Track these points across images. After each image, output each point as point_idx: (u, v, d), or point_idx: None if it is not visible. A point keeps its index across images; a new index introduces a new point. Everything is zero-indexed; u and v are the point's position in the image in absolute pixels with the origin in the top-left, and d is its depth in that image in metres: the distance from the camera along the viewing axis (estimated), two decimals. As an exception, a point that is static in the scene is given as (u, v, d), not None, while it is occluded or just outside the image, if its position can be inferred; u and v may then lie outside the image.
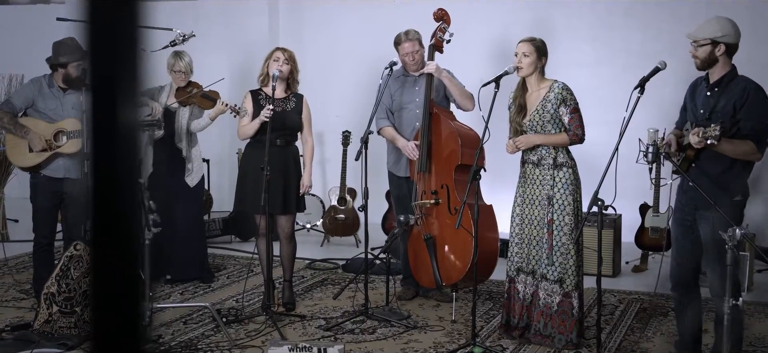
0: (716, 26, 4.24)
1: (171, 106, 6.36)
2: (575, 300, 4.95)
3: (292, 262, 5.99)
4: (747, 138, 4.13)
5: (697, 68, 4.32)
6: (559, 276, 4.94)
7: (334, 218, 8.10)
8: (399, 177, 6.04)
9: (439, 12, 5.86)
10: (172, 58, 6.36)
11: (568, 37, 8.43)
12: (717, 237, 3.96)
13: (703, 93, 4.33)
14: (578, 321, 4.98)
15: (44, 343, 4.94)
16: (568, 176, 4.96)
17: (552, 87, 4.98)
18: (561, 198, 4.94)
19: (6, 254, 7.03)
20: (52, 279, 5.21)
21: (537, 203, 5.02)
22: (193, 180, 6.48)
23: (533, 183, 5.04)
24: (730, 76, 4.25)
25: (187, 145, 6.42)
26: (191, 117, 6.38)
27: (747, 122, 4.13)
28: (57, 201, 5.78)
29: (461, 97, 5.80)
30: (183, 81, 6.34)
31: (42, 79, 5.79)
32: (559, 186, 4.95)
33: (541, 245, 4.99)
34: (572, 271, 4.94)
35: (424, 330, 5.41)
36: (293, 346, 4.64)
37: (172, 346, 5.00)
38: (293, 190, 5.81)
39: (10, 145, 5.77)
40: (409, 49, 5.84)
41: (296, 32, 9.68)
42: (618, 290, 6.42)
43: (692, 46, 4.27)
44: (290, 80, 5.83)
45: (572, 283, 4.94)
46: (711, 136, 3.93)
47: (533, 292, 5.04)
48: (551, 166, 4.95)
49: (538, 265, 5.00)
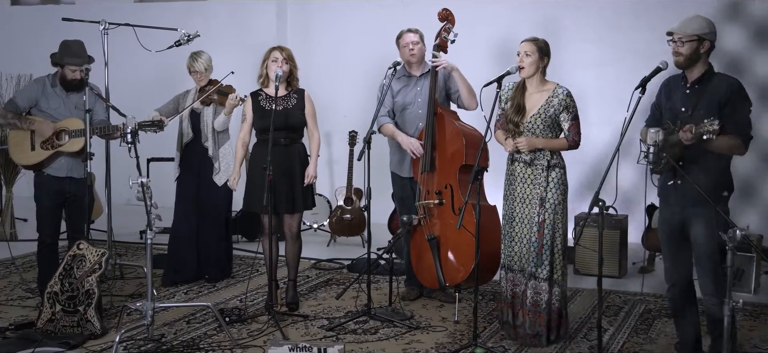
0: (702, 23, 4.24)
1: (195, 108, 6.40)
2: (554, 297, 5.01)
3: (297, 261, 5.98)
4: (732, 133, 4.15)
5: (678, 65, 4.30)
6: (548, 275, 4.98)
7: (341, 218, 8.10)
8: (402, 177, 6.03)
9: (444, 12, 5.85)
10: (189, 61, 6.43)
11: (574, 38, 8.40)
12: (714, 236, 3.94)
13: (682, 91, 4.32)
14: (558, 315, 5.04)
15: (47, 342, 4.96)
16: (560, 177, 5.02)
17: (556, 92, 4.97)
18: (553, 199, 4.98)
19: (15, 253, 7.06)
20: (55, 278, 5.23)
21: (527, 202, 5.03)
22: (221, 179, 6.48)
23: (523, 183, 5.04)
24: (709, 74, 4.26)
25: (213, 144, 6.44)
26: (215, 115, 6.41)
27: (732, 118, 4.14)
28: (61, 200, 5.80)
29: (468, 94, 5.80)
30: (204, 80, 6.39)
31: (45, 78, 5.82)
32: (551, 187, 4.98)
33: (530, 244, 5.00)
34: (559, 269, 5.02)
35: (426, 330, 5.39)
36: (293, 346, 4.64)
37: (175, 345, 5.01)
38: (300, 189, 5.81)
39: (12, 143, 5.80)
40: (410, 39, 5.85)
41: (304, 32, 9.69)
42: (623, 291, 6.39)
43: (675, 43, 4.25)
44: (290, 78, 5.84)
45: (557, 280, 5.02)
46: (708, 132, 3.92)
47: (522, 291, 5.06)
48: (545, 167, 4.98)
49: (527, 264, 5.01)
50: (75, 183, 5.74)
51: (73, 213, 5.81)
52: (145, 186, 4.90)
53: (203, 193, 6.50)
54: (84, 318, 5.14)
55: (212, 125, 6.41)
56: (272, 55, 5.78)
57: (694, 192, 4.17)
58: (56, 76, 5.80)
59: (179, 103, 6.47)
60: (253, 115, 5.82)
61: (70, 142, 5.67)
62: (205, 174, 6.47)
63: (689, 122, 4.12)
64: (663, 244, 4.59)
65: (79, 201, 5.68)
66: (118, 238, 7.78)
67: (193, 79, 6.46)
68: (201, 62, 6.38)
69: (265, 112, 5.74)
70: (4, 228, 8.13)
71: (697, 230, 4.30)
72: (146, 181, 4.91)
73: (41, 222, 5.83)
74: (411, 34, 5.89)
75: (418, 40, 5.89)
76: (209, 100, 6.34)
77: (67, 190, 5.76)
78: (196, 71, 6.38)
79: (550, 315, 5.01)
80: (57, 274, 5.24)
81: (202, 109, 6.43)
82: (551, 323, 5.02)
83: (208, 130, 6.42)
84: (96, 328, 5.12)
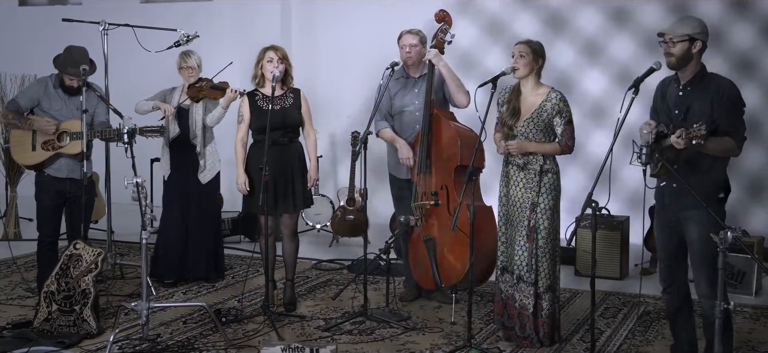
0: (694, 23, 4.21)
1: (183, 104, 6.38)
2: (545, 302, 4.98)
3: (295, 261, 5.98)
4: (726, 135, 4.12)
5: (670, 66, 4.27)
6: (535, 279, 4.96)
7: (343, 219, 8.10)
8: (400, 179, 6.02)
9: (441, 13, 5.83)
10: (180, 58, 6.41)
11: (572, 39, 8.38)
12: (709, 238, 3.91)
13: (675, 93, 4.29)
14: (550, 321, 5.02)
15: (42, 341, 4.98)
16: (552, 182, 5.01)
17: (549, 96, 4.96)
18: (544, 203, 4.97)
19: (18, 252, 7.10)
20: (51, 278, 5.25)
21: (519, 206, 5.01)
22: (206, 178, 6.49)
23: (517, 186, 5.03)
24: (701, 75, 4.22)
25: (201, 142, 6.44)
26: (205, 112, 6.41)
27: (725, 119, 4.11)
28: (61, 201, 5.82)
29: (457, 90, 5.78)
30: (194, 77, 6.37)
31: (48, 79, 5.84)
32: (543, 193, 4.97)
33: (521, 248, 4.98)
34: (546, 274, 4.98)
35: (422, 331, 5.38)
36: (286, 346, 4.64)
37: (170, 345, 5.02)
38: (297, 188, 5.81)
39: (14, 143, 5.83)
40: (408, 40, 5.84)
41: (308, 33, 9.69)
42: (623, 293, 6.36)
43: (666, 44, 4.22)
44: (285, 77, 5.83)
45: (544, 285, 4.98)
46: (697, 136, 3.89)
47: (511, 294, 5.05)
48: (538, 172, 4.96)
49: (519, 267, 4.99)
50: (76, 184, 5.75)
51: (74, 213, 5.83)
52: (139, 186, 4.92)
53: (192, 192, 6.48)
54: (80, 318, 5.15)
55: (202, 122, 6.41)
56: (267, 56, 5.78)
57: (690, 194, 4.14)
58: (58, 78, 5.82)
59: (166, 97, 6.44)
60: (250, 115, 5.82)
61: (71, 144, 5.68)
62: (194, 172, 6.47)
63: (682, 125, 4.09)
64: (659, 246, 4.56)
65: (80, 202, 5.70)
66: (121, 238, 7.81)
67: (182, 76, 6.43)
68: (192, 59, 6.37)
69: (262, 112, 5.75)
70: (9, 227, 8.17)
71: (692, 232, 4.27)
72: (141, 181, 4.93)
73: (41, 222, 5.86)
74: (409, 36, 5.87)
75: (417, 43, 5.86)
76: (201, 95, 6.33)
77: (67, 191, 5.78)
78: (189, 67, 6.35)
79: (537, 319, 4.99)
80: (53, 274, 5.26)
81: (191, 105, 6.41)
82: (544, 328, 5.00)
83: (197, 127, 6.41)
84: (92, 328, 5.14)
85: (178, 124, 6.42)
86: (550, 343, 5.02)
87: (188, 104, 6.40)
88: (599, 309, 5.89)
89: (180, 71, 6.43)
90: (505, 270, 5.12)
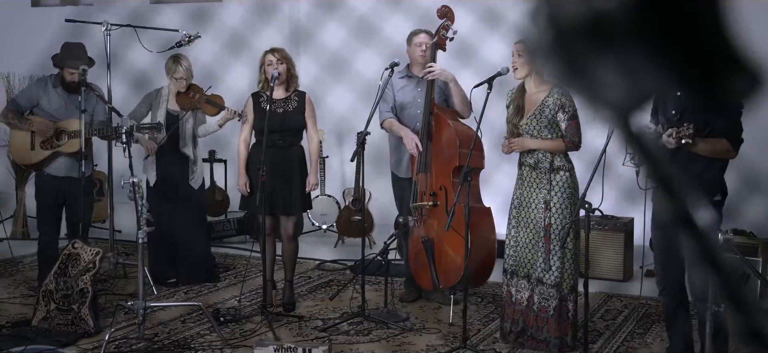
0: None
1: (173, 111, 6.37)
2: (571, 304, 4.88)
3: (294, 263, 5.98)
4: (721, 136, 4.07)
5: None
6: (556, 281, 4.86)
7: (349, 219, 8.10)
8: (401, 178, 6.00)
9: (443, 9, 5.80)
10: (171, 64, 6.30)
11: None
12: None
13: (673, 93, 4.22)
14: (574, 324, 4.90)
15: (39, 340, 5.01)
16: (566, 180, 4.88)
17: (551, 91, 4.91)
18: (558, 202, 4.86)
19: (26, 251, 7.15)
20: (50, 277, 5.28)
21: (532, 206, 4.95)
22: (197, 182, 6.51)
23: (530, 187, 4.96)
24: None
25: (192, 149, 6.45)
26: (197, 122, 6.41)
27: (720, 120, 4.07)
28: (61, 200, 5.86)
29: (462, 103, 5.76)
30: (183, 86, 6.32)
31: (47, 78, 5.88)
32: (556, 190, 4.87)
33: (536, 249, 4.90)
34: (569, 275, 4.87)
35: (420, 332, 5.37)
36: (278, 347, 4.64)
37: (166, 344, 5.03)
38: (297, 191, 5.81)
39: (14, 142, 5.88)
40: (424, 39, 5.84)
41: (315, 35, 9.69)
42: (625, 294, 6.31)
43: None
44: (289, 78, 5.83)
45: (568, 286, 4.88)
46: (685, 136, 3.85)
47: (528, 297, 4.97)
48: (548, 170, 4.88)
49: (533, 270, 4.92)
50: (74, 183, 5.79)
51: (73, 212, 5.86)
52: (136, 186, 4.94)
53: (182, 197, 6.45)
54: (78, 317, 5.18)
55: (193, 131, 6.40)
56: (267, 59, 5.78)
57: None
58: (58, 77, 5.86)
59: (152, 103, 6.41)
60: (253, 115, 5.83)
61: (69, 143, 5.72)
62: (183, 178, 6.45)
63: (677, 125, 4.06)
64: (655, 248, 4.53)
65: (79, 201, 5.73)
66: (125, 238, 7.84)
67: (173, 84, 6.32)
68: (183, 68, 6.25)
69: (264, 113, 5.75)
70: (17, 227, 8.23)
71: None
72: (137, 181, 4.95)
73: (41, 222, 5.91)
74: (424, 35, 5.87)
75: (430, 42, 5.85)
76: (195, 106, 6.31)
77: (66, 190, 5.82)
78: (179, 77, 6.23)
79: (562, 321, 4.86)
80: (52, 273, 5.29)
81: (181, 113, 6.37)
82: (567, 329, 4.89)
83: (188, 136, 6.40)
84: (89, 326, 5.16)
85: (165, 129, 6.35)
86: (572, 346, 4.89)
87: (178, 111, 6.36)
88: (600, 312, 5.84)
89: (170, 78, 6.34)
90: (515, 274, 5.05)
